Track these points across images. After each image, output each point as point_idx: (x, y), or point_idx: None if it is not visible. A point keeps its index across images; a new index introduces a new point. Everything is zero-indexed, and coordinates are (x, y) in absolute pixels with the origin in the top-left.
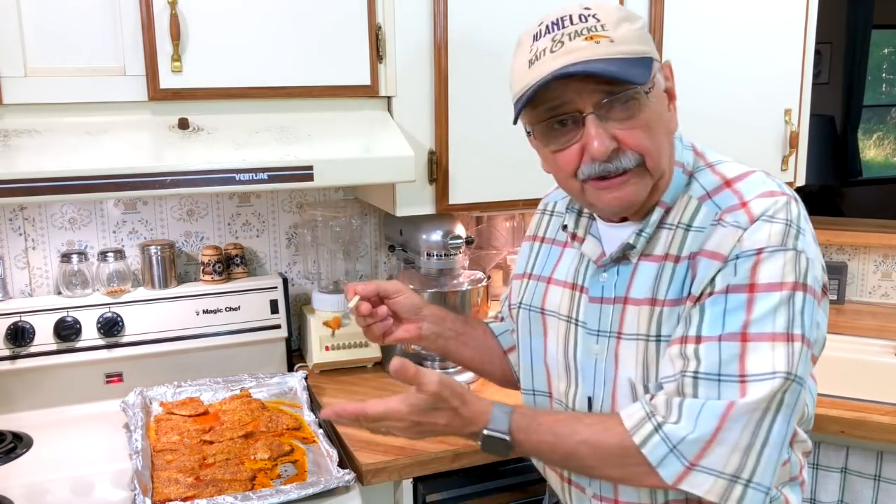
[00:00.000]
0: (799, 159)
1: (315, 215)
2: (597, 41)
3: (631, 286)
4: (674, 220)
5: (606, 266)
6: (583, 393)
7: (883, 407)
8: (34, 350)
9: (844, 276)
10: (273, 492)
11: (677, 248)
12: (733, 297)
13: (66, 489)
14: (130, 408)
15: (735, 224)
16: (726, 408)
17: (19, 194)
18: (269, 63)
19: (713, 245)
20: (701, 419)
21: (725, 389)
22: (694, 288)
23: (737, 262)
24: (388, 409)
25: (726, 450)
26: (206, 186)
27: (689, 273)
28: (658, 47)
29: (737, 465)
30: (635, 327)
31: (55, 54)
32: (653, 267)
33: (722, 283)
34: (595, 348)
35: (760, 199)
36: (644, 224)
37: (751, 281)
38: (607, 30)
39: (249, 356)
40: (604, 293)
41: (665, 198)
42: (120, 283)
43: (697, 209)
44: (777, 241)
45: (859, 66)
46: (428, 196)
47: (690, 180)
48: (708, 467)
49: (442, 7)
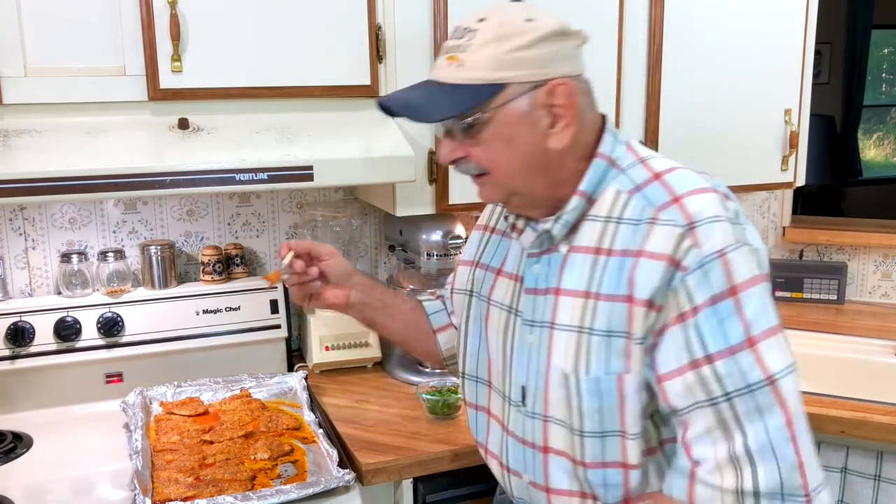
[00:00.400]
0: (799, 159)
1: (315, 215)
2: (450, 63)
3: (562, 277)
4: (600, 212)
5: (537, 256)
6: (517, 381)
7: (883, 407)
8: (34, 350)
9: (844, 276)
10: (273, 492)
11: (609, 241)
12: (721, 307)
13: (66, 489)
14: (130, 408)
15: (672, 223)
16: (784, 426)
17: (19, 194)
18: (269, 63)
19: (652, 245)
20: (778, 451)
21: (761, 396)
22: (638, 290)
23: (704, 269)
24: None
25: (813, 460)
26: (206, 186)
27: (626, 270)
28: (658, 47)
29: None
30: (569, 318)
31: (55, 54)
32: (583, 258)
33: (703, 296)
34: (529, 338)
35: (693, 196)
36: (561, 211)
37: (729, 285)
38: (467, 51)
39: (249, 356)
40: (537, 283)
41: (584, 187)
42: (120, 283)
43: (627, 202)
44: (732, 240)
45: (859, 66)
46: (428, 196)
47: (619, 174)
48: (816, 485)
49: (442, 7)
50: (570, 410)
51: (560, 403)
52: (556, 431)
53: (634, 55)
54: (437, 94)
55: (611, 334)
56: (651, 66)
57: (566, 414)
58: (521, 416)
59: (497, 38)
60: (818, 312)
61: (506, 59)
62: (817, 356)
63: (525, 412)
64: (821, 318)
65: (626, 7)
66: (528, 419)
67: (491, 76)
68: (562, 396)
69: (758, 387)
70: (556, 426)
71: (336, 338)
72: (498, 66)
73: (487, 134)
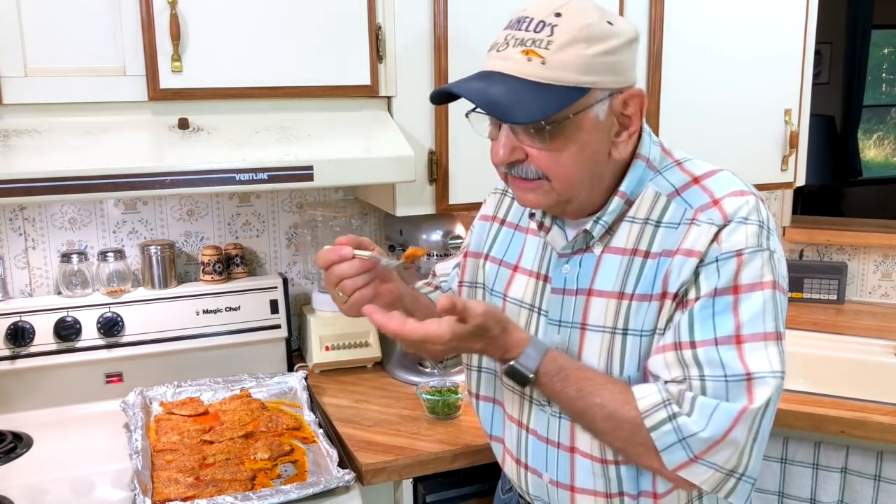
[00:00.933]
0: (799, 159)
1: (315, 215)
2: (529, 58)
3: (595, 278)
4: (639, 214)
5: (568, 256)
6: None
7: (883, 407)
8: (34, 350)
9: (844, 276)
10: (273, 492)
11: (647, 243)
12: (720, 300)
13: (66, 489)
14: (130, 408)
15: (709, 222)
16: (739, 412)
17: (19, 194)
18: (269, 63)
19: (689, 243)
20: (714, 419)
21: (734, 389)
22: (671, 286)
23: (717, 264)
24: (428, 334)
25: (731, 449)
26: (206, 186)
27: (662, 270)
28: (658, 48)
29: (735, 461)
30: (602, 319)
31: (55, 54)
32: (618, 260)
33: (707, 287)
34: (556, 338)
35: (731, 197)
36: (602, 212)
37: (735, 283)
38: (549, 48)
39: (249, 356)
40: (566, 284)
41: (624, 188)
42: (120, 283)
43: (666, 206)
44: (754, 243)
45: (859, 66)
46: (428, 196)
47: (656, 176)
48: (711, 462)
49: (442, 7)
50: None
51: None
52: (584, 432)
53: None
54: (522, 91)
55: (642, 333)
56: (651, 66)
57: None
58: (545, 414)
59: (584, 39)
60: (818, 312)
61: (593, 62)
62: (817, 356)
63: (551, 412)
64: (821, 318)
65: (626, 7)
66: (554, 418)
67: (579, 79)
68: None
69: (734, 379)
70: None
71: (336, 338)
72: (586, 69)
73: (561, 139)
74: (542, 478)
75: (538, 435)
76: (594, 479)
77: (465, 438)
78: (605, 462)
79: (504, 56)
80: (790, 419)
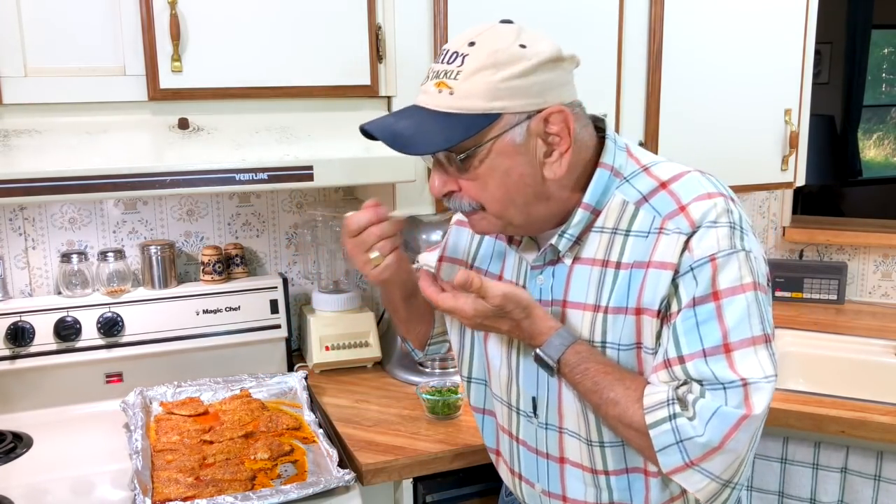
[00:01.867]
0: (799, 159)
1: (315, 215)
2: (440, 89)
3: (569, 289)
4: (607, 224)
5: (541, 268)
6: (526, 393)
7: (883, 407)
8: (34, 350)
9: (844, 276)
10: (273, 492)
11: (617, 254)
12: (701, 309)
13: (66, 489)
14: (130, 408)
15: (677, 231)
16: (738, 420)
17: (19, 194)
18: (269, 63)
19: (660, 255)
20: (711, 425)
21: (732, 395)
22: (645, 300)
23: (693, 272)
24: (456, 306)
25: (730, 458)
26: (206, 186)
27: (636, 283)
28: (658, 48)
29: (732, 472)
30: (578, 331)
31: (55, 54)
32: (589, 271)
33: (686, 297)
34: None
35: (698, 202)
36: (566, 225)
37: (713, 289)
38: (458, 78)
39: (249, 356)
40: (541, 295)
41: (588, 199)
42: (120, 283)
43: (635, 214)
44: (727, 245)
45: (859, 66)
46: (428, 196)
47: (623, 184)
48: (707, 470)
49: (442, 7)
50: (587, 423)
51: (575, 416)
52: (572, 443)
53: (634, 55)
54: (428, 123)
55: (620, 347)
56: (651, 66)
57: (583, 427)
58: (532, 426)
59: (490, 66)
60: (818, 312)
61: (500, 87)
62: (817, 356)
63: (538, 423)
64: (821, 318)
65: (626, 7)
66: (541, 430)
67: (485, 105)
68: (577, 409)
69: (731, 385)
70: (572, 438)
71: (336, 338)
72: (492, 95)
73: (482, 167)
74: (534, 488)
75: (528, 446)
76: (585, 489)
77: (465, 438)
78: (594, 472)
79: (424, 90)
80: (790, 419)
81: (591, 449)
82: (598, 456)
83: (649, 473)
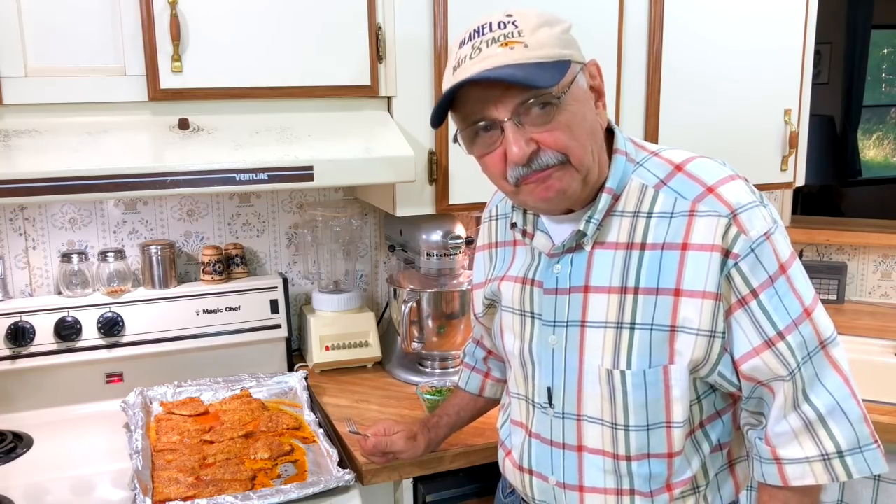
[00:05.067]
0: (799, 159)
1: (315, 215)
2: (511, 47)
3: (590, 275)
4: (627, 207)
5: (559, 256)
6: (541, 384)
7: (883, 407)
8: (34, 350)
9: (844, 276)
10: (273, 492)
11: (641, 235)
12: (779, 284)
13: (66, 489)
14: (130, 408)
15: (713, 213)
16: (845, 384)
17: (19, 194)
18: (270, 63)
19: (698, 237)
20: (844, 405)
21: (817, 360)
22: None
23: (754, 253)
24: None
25: (864, 422)
26: (206, 186)
27: (670, 264)
28: (658, 47)
29: (870, 429)
30: (604, 315)
31: (55, 54)
32: (613, 255)
33: (760, 277)
34: (551, 339)
35: (726, 185)
36: (592, 210)
37: (779, 262)
38: (523, 35)
39: (249, 356)
40: (558, 284)
41: (610, 184)
42: (120, 283)
43: (655, 196)
44: (770, 221)
45: (859, 66)
46: (428, 196)
47: (637, 168)
48: (866, 437)
49: (442, 7)
50: (613, 406)
51: (598, 400)
52: (593, 430)
53: (634, 55)
54: (527, 70)
55: (653, 327)
56: (651, 66)
57: (607, 410)
58: (547, 417)
59: (545, 23)
60: None
61: (563, 38)
62: None
63: (553, 413)
64: None
65: (626, 7)
66: (557, 420)
67: (560, 52)
68: (602, 393)
69: (814, 353)
70: (593, 424)
71: (336, 338)
72: (561, 44)
73: (565, 114)
74: (547, 481)
75: (542, 438)
76: (604, 477)
77: (465, 438)
78: (616, 457)
79: (483, 57)
80: None
81: (615, 433)
82: (621, 440)
83: (673, 454)
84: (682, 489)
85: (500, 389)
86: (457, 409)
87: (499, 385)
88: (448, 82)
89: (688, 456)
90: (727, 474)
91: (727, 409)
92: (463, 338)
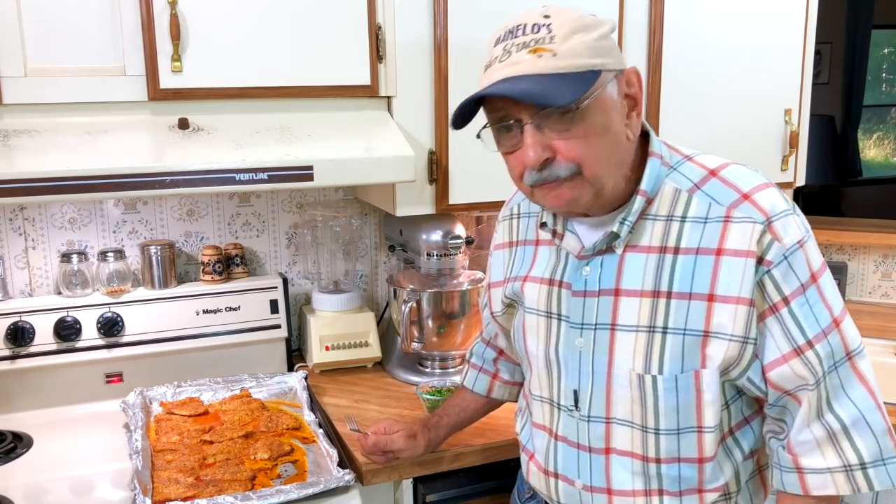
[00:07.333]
0: (799, 159)
1: (315, 215)
2: (539, 54)
3: (621, 278)
4: (660, 211)
5: (589, 258)
6: (567, 386)
7: None
8: (34, 350)
9: (844, 276)
10: (273, 492)
11: (674, 239)
12: (810, 292)
13: (66, 489)
14: (130, 408)
15: (749, 219)
16: (870, 396)
17: (19, 194)
18: (269, 63)
19: (733, 242)
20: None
21: (843, 371)
22: (721, 287)
23: (787, 260)
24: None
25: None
26: (206, 186)
27: (704, 269)
28: (658, 47)
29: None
30: (635, 318)
31: (55, 54)
32: (645, 258)
33: (793, 284)
34: (578, 341)
35: (761, 192)
36: (626, 213)
37: (811, 271)
38: (555, 42)
39: (249, 356)
40: (587, 286)
41: (644, 187)
42: (120, 283)
43: (689, 201)
44: (804, 230)
45: (859, 66)
46: (428, 196)
47: (671, 172)
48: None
49: (442, 7)
50: (644, 410)
51: (628, 403)
52: (622, 432)
53: (634, 56)
54: (546, 83)
55: (686, 332)
56: (651, 66)
57: (638, 414)
58: (573, 420)
59: (581, 28)
60: None
61: (596, 46)
62: None
63: (579, 416)
64: None
65: (626, 7)
66: (583, 423)
67: (590, 62)
68: (632, 397)
69: (841, 363)
70: (622, 426)
71: (336, 338)
72: (593, 52)
73: (585, 124)
74: (574, 485)
75: (568, 441)
76: (633, 479)
77: (465, 438)
78: (645, 460)
79: (511, 62)
80: None
81: (644, 436)
82: (651, 443)
83: (704, 460)
84: (714, 496)
85: (507, 392)
86: (458, 409)
87: (506, 387)
88: (479, 82)
89: (720, 463)
90: (757, 481)
91: (755, 416)
92: (463, 338)
